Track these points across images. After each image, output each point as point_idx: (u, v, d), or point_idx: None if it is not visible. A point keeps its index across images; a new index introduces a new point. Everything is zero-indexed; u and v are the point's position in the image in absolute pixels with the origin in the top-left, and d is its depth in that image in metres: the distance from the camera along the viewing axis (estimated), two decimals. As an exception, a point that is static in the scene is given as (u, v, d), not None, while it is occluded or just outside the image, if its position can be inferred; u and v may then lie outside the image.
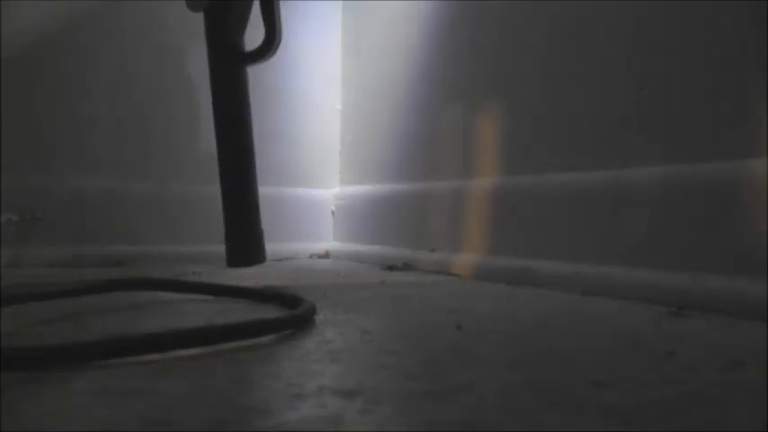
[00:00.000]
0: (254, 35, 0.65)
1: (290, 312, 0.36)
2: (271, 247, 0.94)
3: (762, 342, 0.32)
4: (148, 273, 0.69)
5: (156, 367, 0.26)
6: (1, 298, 0.36)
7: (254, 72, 0.68)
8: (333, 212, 0.99)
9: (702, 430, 0.19)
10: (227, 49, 0.66)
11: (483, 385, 0.24)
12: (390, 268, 0.76)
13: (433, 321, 0.39)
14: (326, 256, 0.96)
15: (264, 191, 0.95)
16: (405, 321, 0.39)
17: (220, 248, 0.75)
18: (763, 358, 0.29)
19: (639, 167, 0.50)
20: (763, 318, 0.37)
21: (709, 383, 0.25)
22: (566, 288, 0.53)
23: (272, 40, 0.65)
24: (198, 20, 0.67)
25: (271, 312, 0.36)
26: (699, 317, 0.40)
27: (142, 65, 0.87)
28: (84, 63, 0.84)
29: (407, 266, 0.75)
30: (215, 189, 0.80)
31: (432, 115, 0.77)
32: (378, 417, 0.20)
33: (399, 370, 0.26)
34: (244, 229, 0.71)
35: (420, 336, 0.34)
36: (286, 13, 0.67)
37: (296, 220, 0.95)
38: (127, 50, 0.87)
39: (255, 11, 0.66)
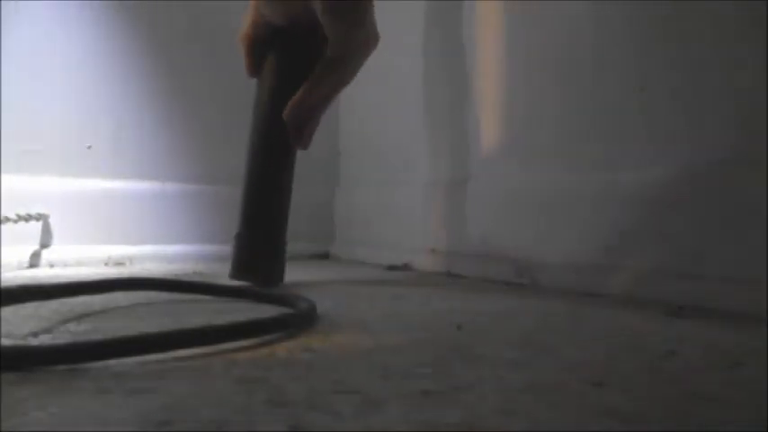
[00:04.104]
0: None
1: (291, 312, 0.36)
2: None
3: (762, 342, 0.32)
4: (148, 273, 0.69)
5: (156, 367, 0.26)
6: (1, 298, 0.36)
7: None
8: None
9: (702, 430, 0.19)
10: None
11: (483, 385, 0.24)
12: (390, 268, 0.76)
13: (432, 321, 0.39)
14: (326, 256, 0.96)
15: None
16: (405, 321, 0.39)
17: (221, 248, 0.74)
18: (763, 358, 0.29)
19: (640, 168, 0.50)
20: (762, 318, 0.37)
21: (709, 383, 0.25)
22: (566, 288, 0.53)
23: None
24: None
25: (271, 312, 0.36)
26: (699, 317, 0.40)
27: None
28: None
29: (407, 266, 0.75)
30: (216, 188, 0.80)
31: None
32: (377, 417, 0.20)
33: (399, 370, 0.26)
34: (272, 243, 0.58)
35: (420, 335, 0.34)
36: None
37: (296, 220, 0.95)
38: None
39: None
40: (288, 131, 0.56)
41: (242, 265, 0.57)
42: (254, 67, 0.59)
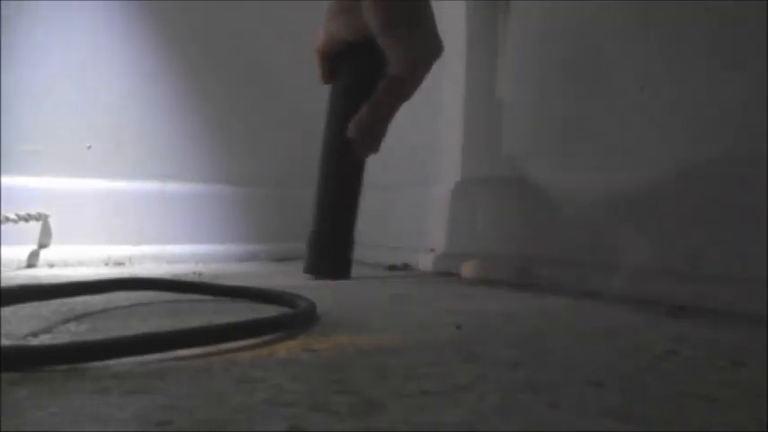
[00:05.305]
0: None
1: (291, 312, 0.36)
2: (269, 247, 0.94)
3: (762, 342, 0.32)
4: (148, 273, 0.69)
5: (156, 367, 0.26)
6: (1, 297, 0.36)
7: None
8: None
9: (702, 430, 0.19)
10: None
11: (483, 385, 0.24)
12: (391, 268, 0.76)
13: (432, 321, 0.39)
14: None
15: (268, 190, 0.95)
16: (404, 321, 0.39)
17: (220, 248, 0.74)
18: (763, 358, 0.29)
19: (637, 168, 0.50)
20: (762, 318, 0.37)
21: (709, 383, 0.25)
22: (566, 288, 0.53)
23: None
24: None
25: (271, 312, 0.36)
26: (699, 317, 0.40)
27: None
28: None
29: (407, 266, 0.75)
30: (216, 188, 0.79)
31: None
32: (377, 417, 0.20)
33: (399, 370, 0.26)
34: (341, 241, 0.63)
35: (420, 335, 0.34)
36: None
37: (295, 220, 0.95)
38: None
39: None
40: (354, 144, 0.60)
41: (314, 261, 0.63)
42: (326, 76, 0.63)
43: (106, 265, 0.80)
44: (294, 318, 0.35)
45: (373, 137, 0.60)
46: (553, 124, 0.60)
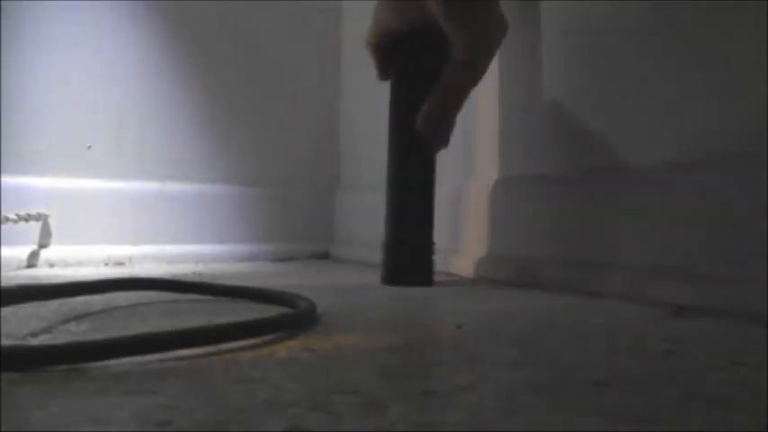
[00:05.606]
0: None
1: (290, 312, 0.36)
2: (270, 247, 0.94)
3: (762, 342, 0.32)
4: (148, 273, 0.69)
5: (156, 367, 0.26)
6: (1, 297, 0.36)
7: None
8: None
9: (702, 430, 0.19)
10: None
11: (483, 385, 0.24)
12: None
13: (432, 321, 0.39)
14: (326, 256, 0.96)
15: (269, 190, 0.95)
16: (405, 321, 0.39)
17: (221, 248, 0.73)
18: (764, 358, 0.29)
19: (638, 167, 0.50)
20: (762, 318, 0.37)
21: (709, 383, 0.25)
22: (566, 288, 0.53)
23: None
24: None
25: (271, 312, 0.36)
26: (699, 317, 0.40)
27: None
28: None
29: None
30: (216, 188, 0.78)
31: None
32: (377, 417, 0.20)
33: (399, 370, 0.26)
34: (419, 248, 0.59)
35: (420, 335, 0.34)
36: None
37: (295, 220, 0.95)
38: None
39: None
40: (423, 138, 0.56)
41: (392, 269, 0.59)
42: (384, 73, 0.60)
43: (106, 265, 0.80)
44: (294, 318, 0.35)
45: (443, 129, 0.56)
46: (555, 124, 0.60)
